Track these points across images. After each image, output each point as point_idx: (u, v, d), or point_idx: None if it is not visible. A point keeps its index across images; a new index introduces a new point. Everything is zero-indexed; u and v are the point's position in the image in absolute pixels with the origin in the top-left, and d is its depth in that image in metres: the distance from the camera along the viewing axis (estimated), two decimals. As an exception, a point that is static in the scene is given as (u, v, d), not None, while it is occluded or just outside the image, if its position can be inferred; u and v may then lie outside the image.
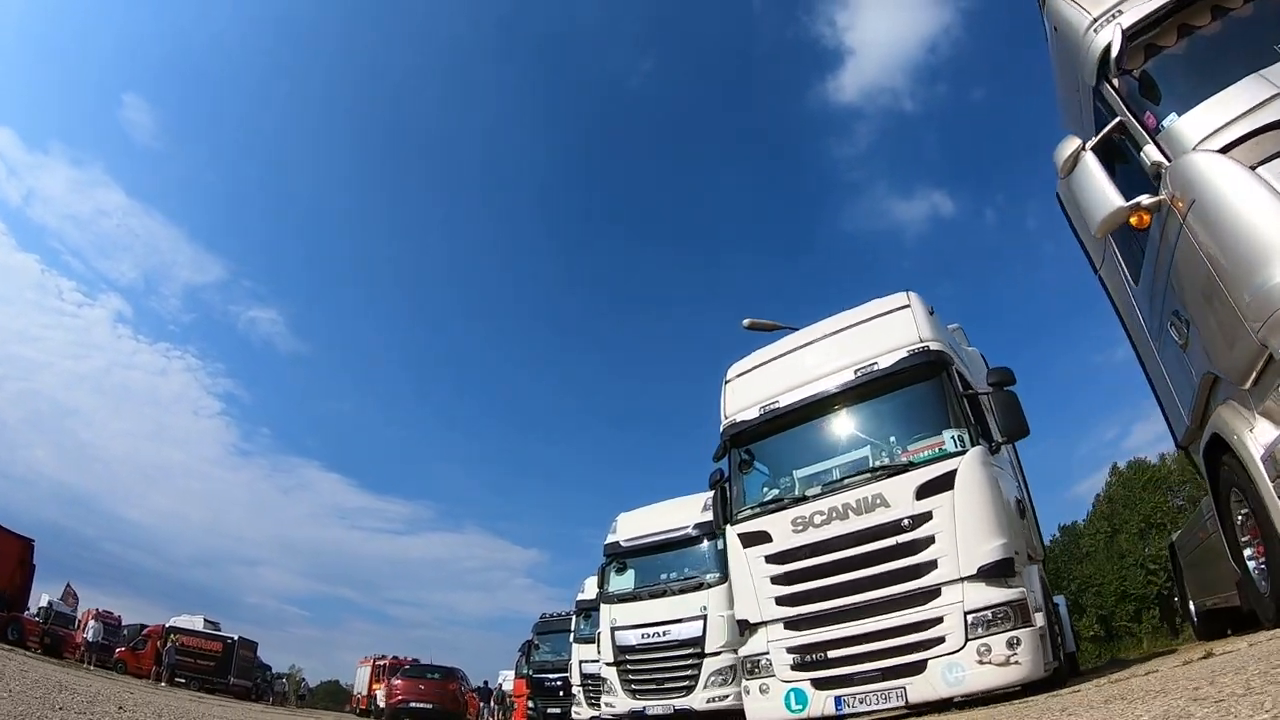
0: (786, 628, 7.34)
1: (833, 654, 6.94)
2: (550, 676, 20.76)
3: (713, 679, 11.22)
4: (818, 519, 7.31)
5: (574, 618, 18.38)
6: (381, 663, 33.77)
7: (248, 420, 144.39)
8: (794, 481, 8.16)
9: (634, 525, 13.36)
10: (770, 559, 7.58)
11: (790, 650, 7.25)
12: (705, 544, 12.30)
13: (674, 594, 12.10)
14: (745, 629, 7.81)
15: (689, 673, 11.43)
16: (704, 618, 11.52)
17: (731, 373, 9.23)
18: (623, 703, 11.98)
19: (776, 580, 7.49)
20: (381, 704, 28.34)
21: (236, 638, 33.80)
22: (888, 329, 7.83)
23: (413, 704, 20.67)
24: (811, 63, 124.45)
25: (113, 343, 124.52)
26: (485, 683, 30.16)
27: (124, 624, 36.59)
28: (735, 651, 11.10)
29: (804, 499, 7.59)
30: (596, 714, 16.00)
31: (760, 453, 8.70)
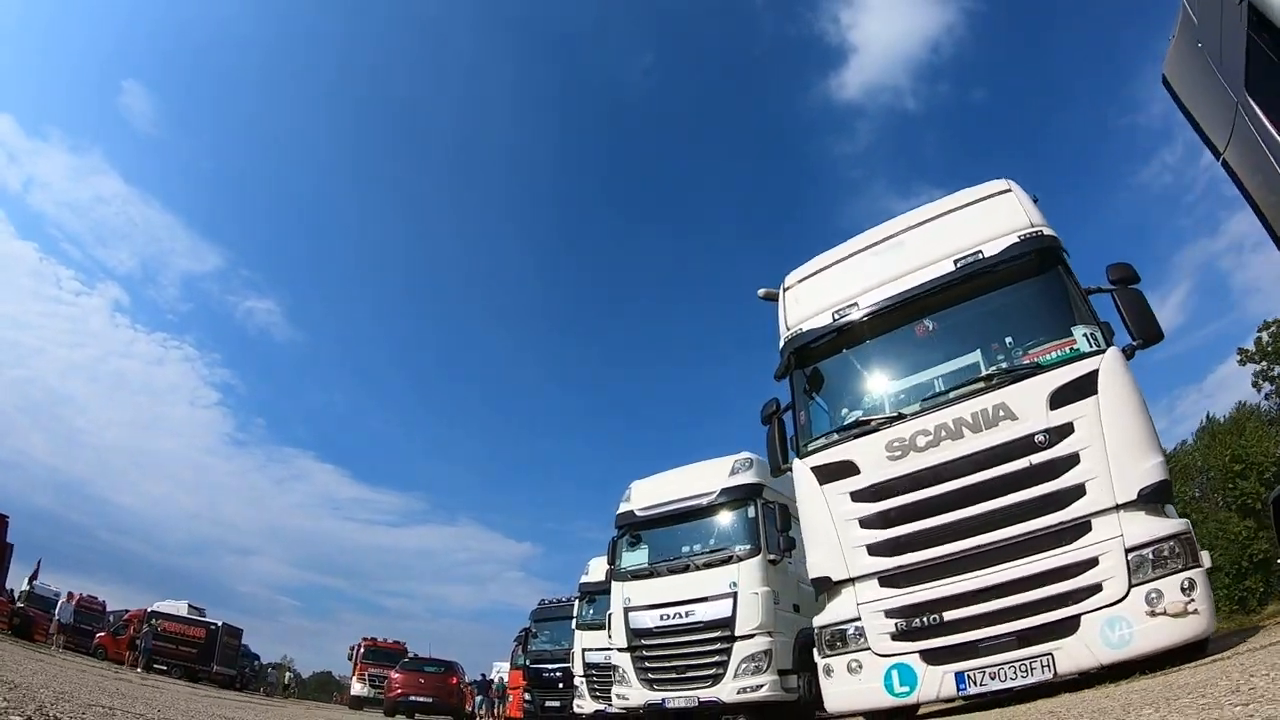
0: (883, 584, 5.74)
1: (950, 615, 5.33)
2: (549, 667, 18.92)
3: (744, 666, 9.57)
4: (921, 440, 5.70)
5: (577, 602, 16.57)
6: (362, 647, 30.93)
7: (243, 410, 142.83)
8: (882, 399, 6.54)
9: (650, 493, 11.58)
10: (858, 496, 5.97)
11: (891, 614, 5.63)
12: (734, 512, 10.66)
13: (698, 569, 10.42)
14: (824, 590, 6.20)
15: (716, 659, 9.77)
16: (733, 596, 9.85)
17: (791, 279, 7.55)
18: (638, 694, 10.22)
19: (868, 523, 5.87)
20: (362, 693, 26.93)
21: (221, 624, 31.83)
22: (989, 214, 6.33)
23: (412, 698, 18.92)
24: (814, 60, 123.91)
25: (110, 332, 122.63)
26: (482, 675, 28.18)
27: (109, 610, 35.10)
28: (770, 634, 9.47)
29: (900, 417, 5.97)
30: (603, 708, 14.29)
31: (834, 369, 7.05)
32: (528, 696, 19.51)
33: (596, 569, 16.25)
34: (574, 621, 16.49)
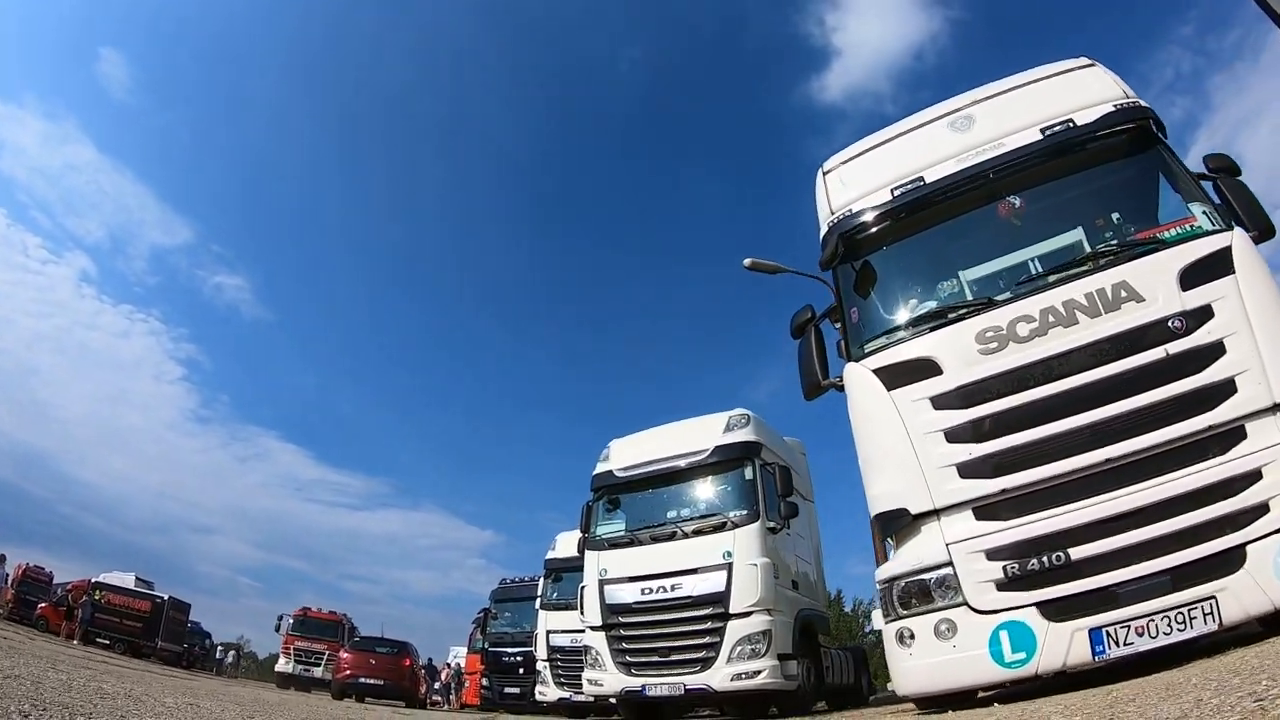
0: (980, 517, 4.34)
1: (1077, 553, 3.95)
2: (509, 651, 17.23)
3: (739, 649, 8.15)
4: (1023, 329, 4.39)
5: (542, 580, 14.91)
6: (291, 617, 26.98)
7: (208, 387, 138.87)
8: (960, 289, 5.21)
9: (633, 451, 10.07)
10: (941, 402, 4.56)
11: (994, 555, 4.23)
12: (729, 473, 9.22)
13: (686, 537, 8.98)
14: (894, 530, 4.72)
15: (706, 640, 8.35)
16: (728, 567, 8.43)
17: (833, 161, 6.23)
18: (613, 679, 8.72)
19: (956, 436, 4.46)
20: (290, 669, 24.24)
21: (167, 597, 29.46)
22: (1076, 86, 5.22)
23: (362, 679, 17.03)
24: (798, 61, 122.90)
25: (76, 302, 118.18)
26: (430, 660, 26.37)
27: (55, 581, 32.75)
28: (769, 613, 8.00)
29: (990, 303, 4.65)
30: (568, 695, 12.71)
31: (895, 257, 5.58)
32: (485, 682, 17.80)
33: (564, 544, 14.72)
34: (538, 601, 14.85)
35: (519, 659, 16.74)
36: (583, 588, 9.52)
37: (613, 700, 9.23)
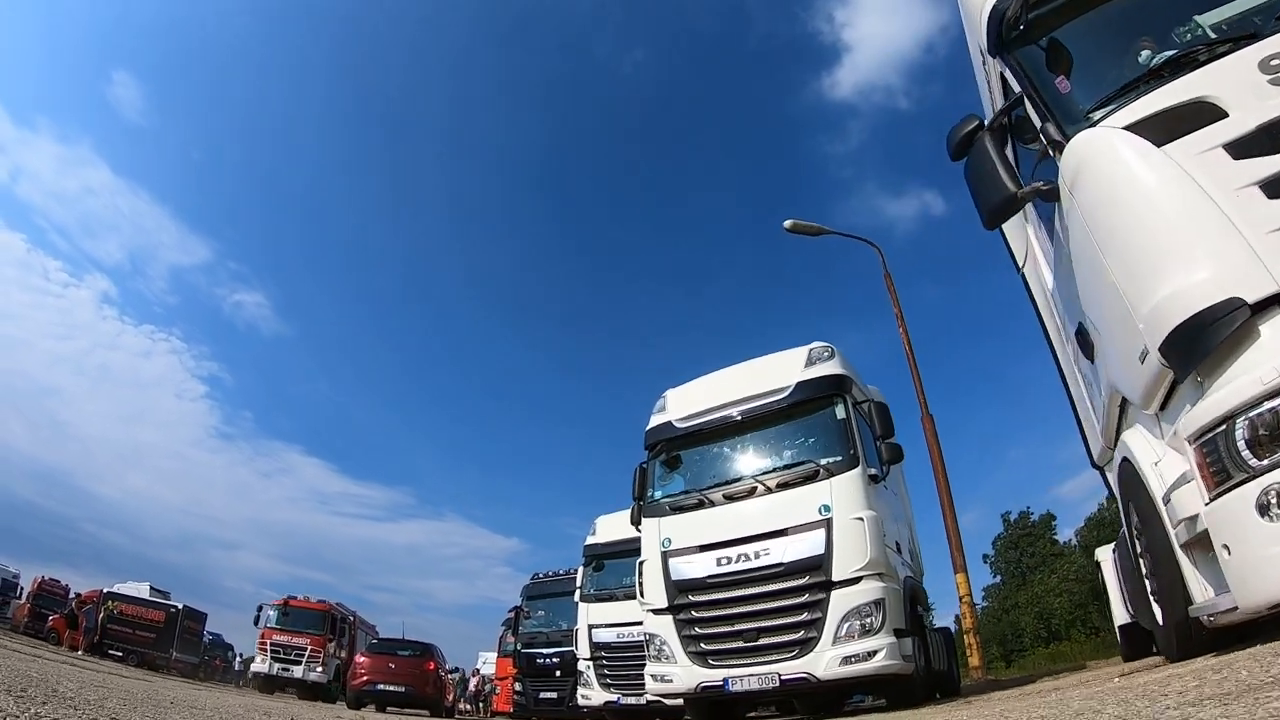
0: None
1: None
2: (544, 652, 15.37)
3: (848, 625, 6.33)
4: None
5: (581, 570, 12.96)
6: (271, 610, 22.28)
7: (230, 404, 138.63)
8: (1201, 30, 3.66)
9: (694, 398, 8.27)
10: (1242, 147, 2.87)
11: None
12: (816, 414, 7.38)
13: (770, 492, 7.12)
14: (1217, 337, 2.69)
15: (803, 617, 6.50)
16: (826, 524, 6.62)
17: None
18: (685, 674, 6.94)
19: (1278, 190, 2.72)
20: (264, 669, 20.59)
21: (181, 607, 27.95)
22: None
23: (380, 686, 14.90)
24: (807, 58, 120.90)
25: (98, 324, 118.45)
26: (459, 668, 24.45)
27: (72, 595, 31.57)
28: (882, 577, 6.23)
29: (1256, 35, 3.14)
30: (616, 698, 10.88)
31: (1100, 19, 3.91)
32: (518, 687, 15.91)
33: (605, 528, 12.87)
34: (577, 594, 12.93)
35: (555, 661, 14.94)
36: (641, 563, 7.65)
37: (680, 700, 7.37)
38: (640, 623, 10.98)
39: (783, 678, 6.31)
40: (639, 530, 7.99)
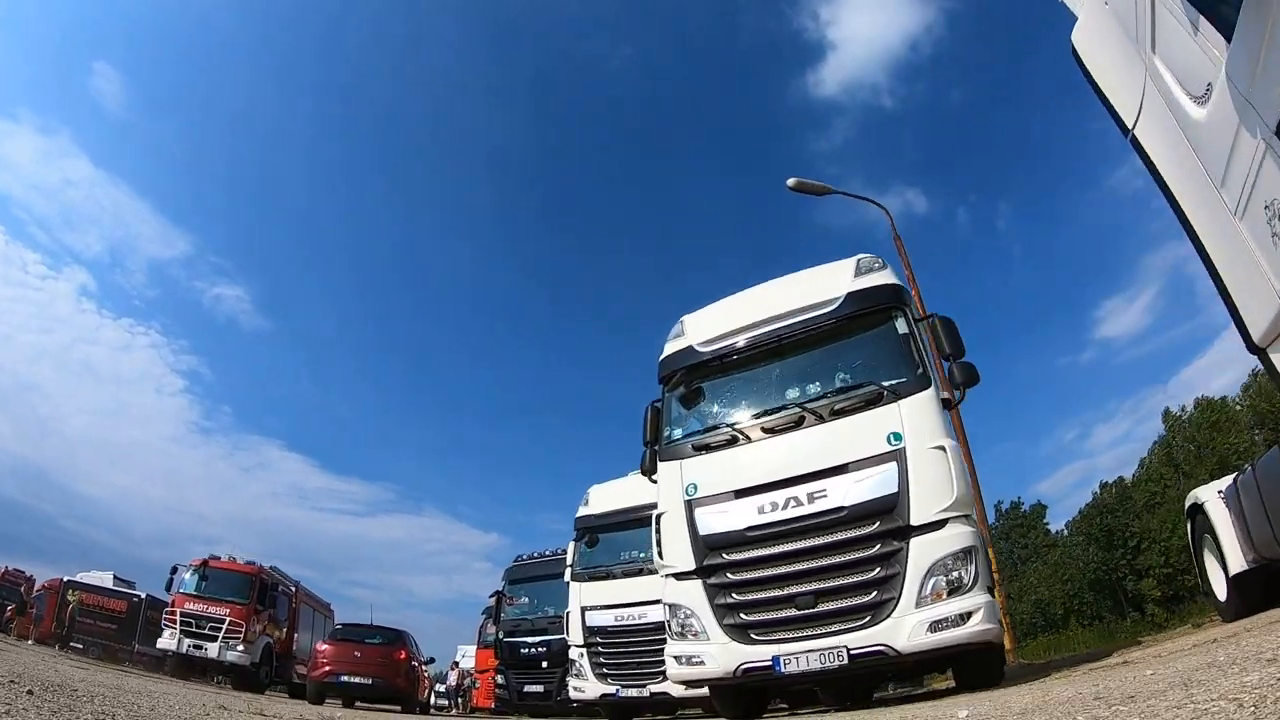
0: None
1: None
2: (529, 641, 13.58)
3: (933, 582, 4.87)
4: None
5: (571, 546, 11.23)
6: (187, 572, 16.86)
7: (210, 398, 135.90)
8: None
9: (718, 320, 6.62)
10: None
11: None
12: (874, 330, 5.90)
13: (822, 420, 5.57)
14: None
15: (875, 573, 5.00)
16: (897, 456, 5.13)
17: None
18: (723, 653, 5.43)
19: None
20: (172, 646, 15.26)
21: (145, 596, 25.90)
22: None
23: (344, 678, 12.86)
24: (793, 56, 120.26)
25: (76, 317, 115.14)
26: (432, 659, 22.35)
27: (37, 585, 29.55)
28: (968, 520, 4.94)
29: None
30: (614, 690, 9.31)
31: None
32: (500, 680, 14.16)
33: (600, 498, 11.18)
34: (567, 574, 11.18)
35: (542, 650, 13.17)
36: (658, 517, 6.01)
37: (726, 683, 5.77)
38: (643, 603, 9.48)
39: (852, 652, 4.77)
40: (653, 480, 6.37)
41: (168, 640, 15.52)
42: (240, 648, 15.56)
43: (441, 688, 22.67)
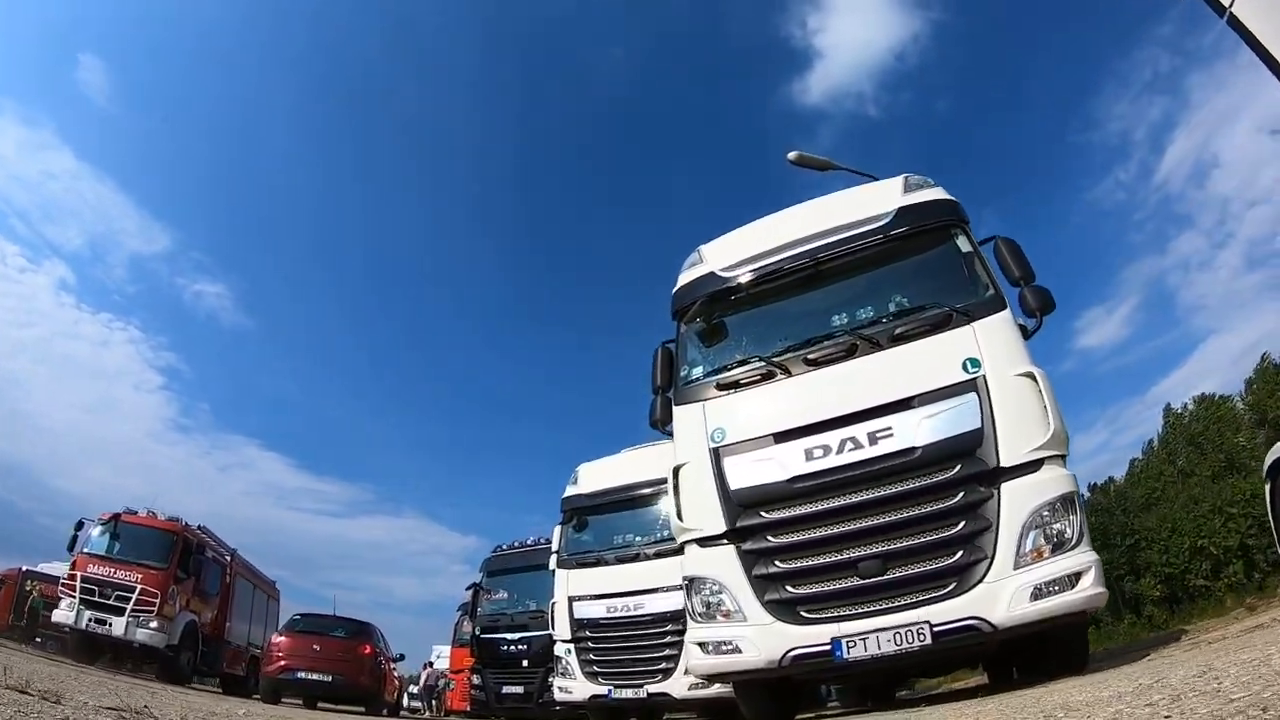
0: None
1: None
2: (508, 637, 12.36)
3: (1032, 537, 3.99)
4: None
5: (558, 530, 10.05)
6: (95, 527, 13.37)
7: (188, 395, 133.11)
8: None
9: (747, 243, 5.64)
10: None
11: None
12: (931, 250, 5.01)
13: (879, 347, 4.67)
14: None
15: (959, 528, 4.05)
16: (976, 386, 4.24)
17: None
18: (762, 638, 4.40)
19: None
20: (70, 620, 11.78)
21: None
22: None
23: (301, 674, 11.45)
24: (779, 63, 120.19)
25: (55, 311, 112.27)
26: (401, 655, 20.77)
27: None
28: (1064, 460, 3.78)
29: None
30: (605, 691, 8.28)
31: None
32: (476, 680, 12.94)
33: (590, 476, 10.05)
34: (552, 560, 10.00)
35: (522, 648, 11.99)
36: (677, 469, 4.88)
37: (775, 671, 4.67)
38: (639, 592, 8.42)
39: (936, 629, 3.70)
40: (664, 430, 5.27)
41: (64, 612, 11.98)
42: (153, 624, 11.94)
43: (415, 689, 21.35)
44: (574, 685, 8.83)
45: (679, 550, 8.19)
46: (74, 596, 11.90)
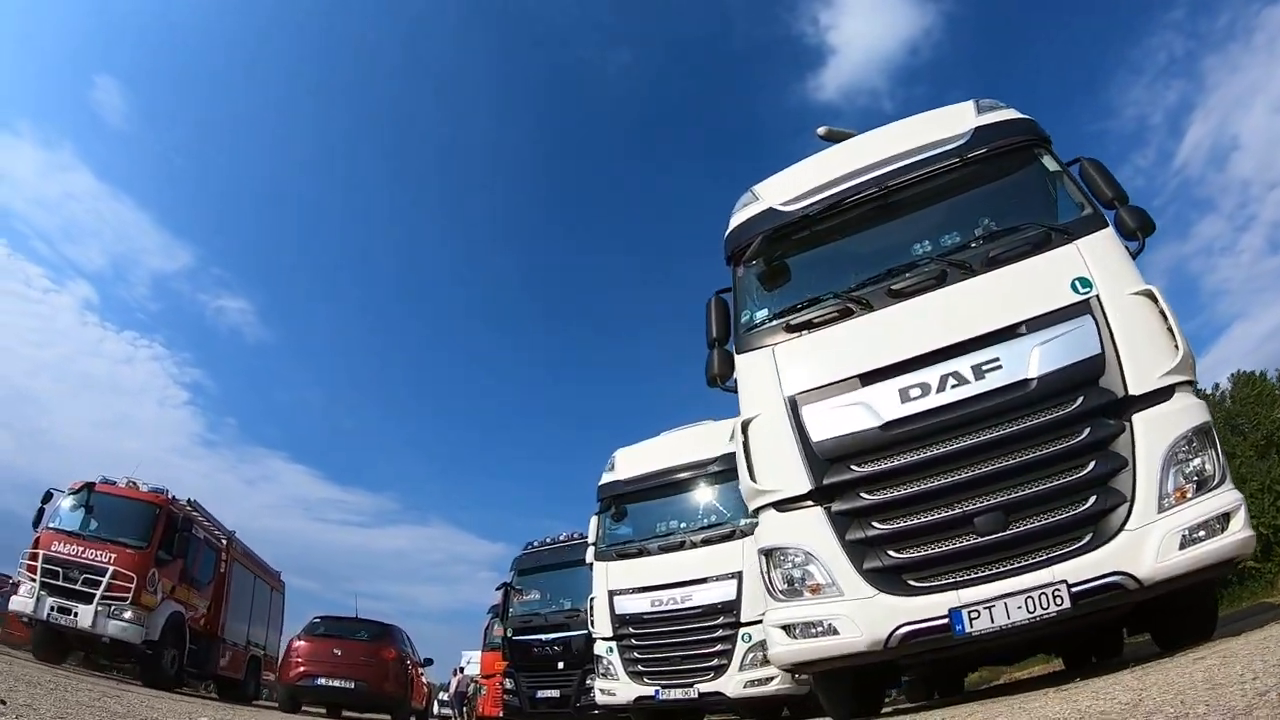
0: None
1: None
2: (542, 639, 11.78)
3: (1174, 476, 3.47)
4: None
5: (594, 521, 9.44)
6: (64, 501, 11.10)
7: (214, 410, 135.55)
8: None
9: (807, 176, 4.93)
10: None
11: None
12: (1018, 172, 4.55)
13: (971, 273, 4.11)
14: None
15: (1085, 471, 3.47)
16: (1090, 309, 3.71)
17: None
18: (863, 615, 3.82)
19: None
20: (29, 609, 9.74)
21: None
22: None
23: (321, 680, 10.93)
24: (792, 61, 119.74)
25: (79, 330, 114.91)
26: (429, 660, 20.13)
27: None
28: (1193, 386, 2.96)
29: None
30: (653, 692, 7.65)
31: None
32: (509, 684, 12.37)
33: (628, 462, 9.46)
34: (590, 553, 9.41)
35: (557, 649, 11.42)
36: (746, 424, 4.25)
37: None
38: (686, 583, 7.91)
39: (1074, 589, 3.17)
40: (724, 385, 4.69)
41: (23, 599, 9.88)
42: (127, 614, 9.95)
43: (444, 695, 20.84)
44: (617, 686, 8.25)
45: (728, 537, 7.79)
46: (34, 580, 9.88)
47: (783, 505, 3.96)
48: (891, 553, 3.56)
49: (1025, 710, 2.70)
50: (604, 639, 8.35)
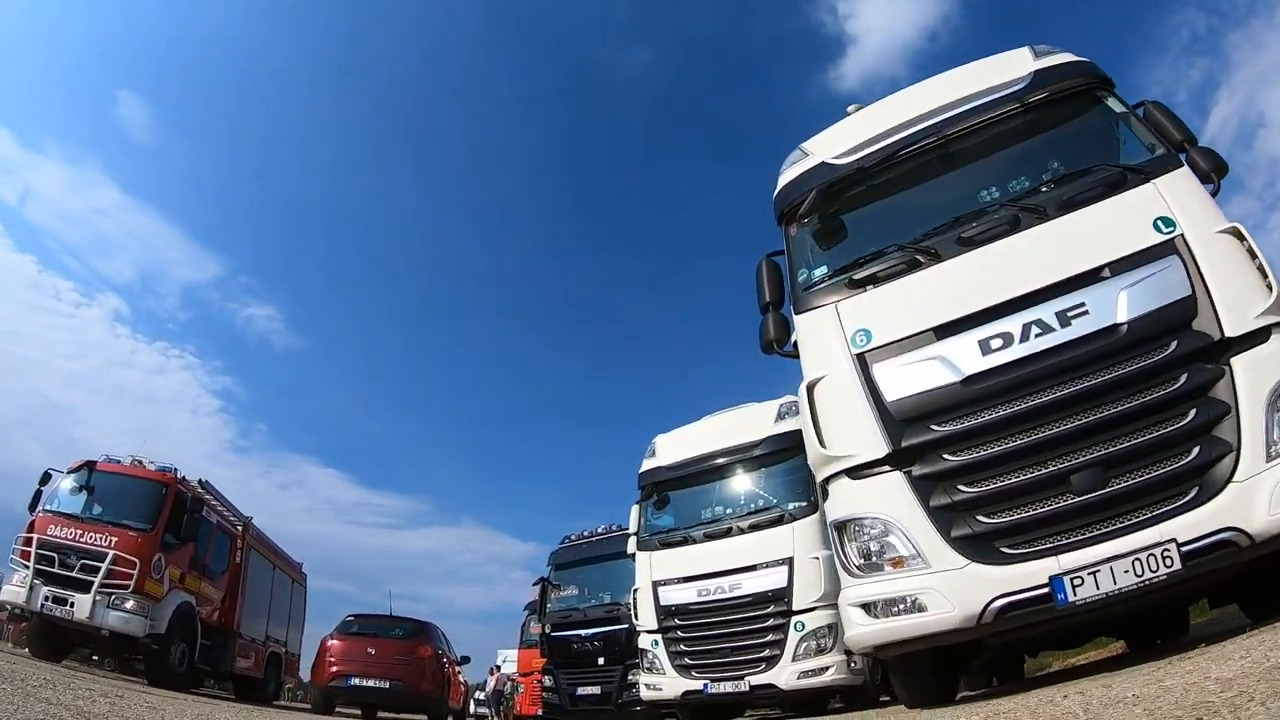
0: None
1: None
2: (581, 635, 11.55)
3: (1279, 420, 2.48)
4: None
5: (635, 509, 9.23)
6: (64, 481, 10.14)
7: (245, 417, 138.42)
8: None
9: (871, 122, 4.71)
10: None
11: None
12: (1087, 112, 4.33)
13: (1044, 218, 3.80)
14: None
15: (1187, 420, 3.21)
16: (1174, 248, 3.38)
17: None
18: (952, 588, 3.50)
19: None
20: (20, 599, 8.81)
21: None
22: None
23: (355, 680, 10.81)
24: (813, 51, 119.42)
25: (111, 342, 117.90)
26: (468, 658, 19.72)
27: None
28: None
29: None
30: (701, 686, 7.80)
31: None
32: (548, 682, 12.18)
33: (669, 447, 9.25)
34: (631, 543, 9.19)
35: (598, 644, 11.18)
36: (809, 387, 4.04)
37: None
38: (734, 570, 7.71)
39: (1184, 548, 2.93)
40: (781, 350, 4.47)
41: (14, 589, 9.07)
42: (129, 604, 9.07)
43: (481, 695, 20.80)
44: (663, 681, 8.03)
45: (777, 521, 7.52)
46: (27, 568, 9.07)
47: (857, 472, 3.72)
48: (982, 517, 3.31)
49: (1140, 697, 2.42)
50: (648, 632, 8.12)
